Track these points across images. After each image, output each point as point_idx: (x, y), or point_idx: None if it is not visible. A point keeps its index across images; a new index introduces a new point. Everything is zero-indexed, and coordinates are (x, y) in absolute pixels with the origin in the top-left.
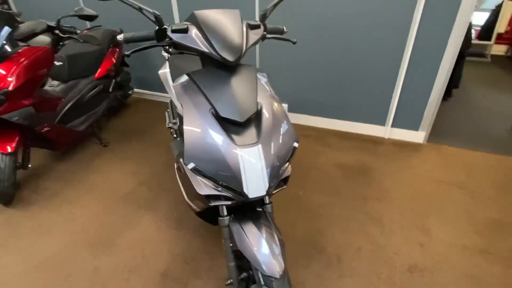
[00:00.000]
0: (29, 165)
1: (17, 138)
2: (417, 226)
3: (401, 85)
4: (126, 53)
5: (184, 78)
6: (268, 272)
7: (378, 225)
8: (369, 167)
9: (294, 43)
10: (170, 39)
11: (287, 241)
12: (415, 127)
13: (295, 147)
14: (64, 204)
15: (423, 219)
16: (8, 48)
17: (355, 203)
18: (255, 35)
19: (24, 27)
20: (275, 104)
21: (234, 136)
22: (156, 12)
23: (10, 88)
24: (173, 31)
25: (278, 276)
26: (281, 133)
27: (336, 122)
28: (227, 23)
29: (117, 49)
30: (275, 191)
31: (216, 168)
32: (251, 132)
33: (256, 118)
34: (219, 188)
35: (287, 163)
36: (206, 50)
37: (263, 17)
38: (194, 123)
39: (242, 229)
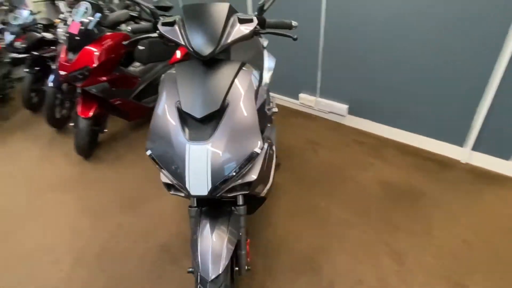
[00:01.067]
0: (105, 130)
1: (95, 107)
2: (453, 281)
3: (491, 100)
4: (124, 43)
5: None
6: (202, 273)
7: (396, 261)
8: (421, 193)
9: (295, 39)
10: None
11: (285, 251)
12: (506, 154)
13: (254, 152)
14: (121, 166)
15: (468, 277)
16: (96, 31)
17: (381, 230)
18: (243, 29)
19: (111, 16)
20: (249, 104)
21: (190, 131)
22: (151, 7)
23: (94, 65)
24: (163, 24)
25: (209, 279)
26: (240, 135)
27: (399, 132)
28: (210, 16)
29: None
30: (232, 194)
31: (166, 159)
32: (208, 129)
33: (219, 116)
34: (173, 179)
35: (246, 167)
36: (182, 43)
37: (261, 10)
38: (159, 111)
39: (200, 225)
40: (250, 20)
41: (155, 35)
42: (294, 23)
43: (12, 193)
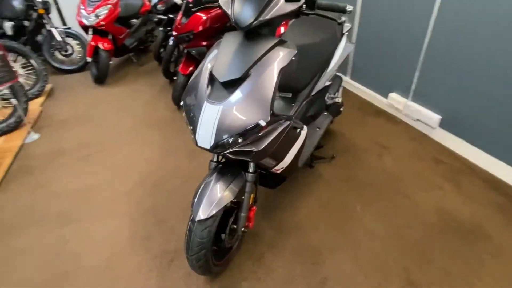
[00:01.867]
0: None
1: (193, 66)
2: None
3: None
4: (193, 9)
5: None
6: (193, 212)
7: None
8: (486, 236)
9: (339, 23)
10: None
11: (296, 235)
12: None
13: (259, 124)
14: None
15: None
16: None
17: (407, 254)
18: (286, 6)
19: None
20: (270, 80)
21: (211, 92)
22: None
23: (198, 30)
24: None
25: (197, 219)
26: (251, 105)
27: (493, 161)
28: None
29: None
30: (235, 157)
31: (190, 111)
32: (226, 94)
33: (240, 84)
34: (189, 129)
35: (253, 136)
36: (228, 13)
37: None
38: (197, 70)
39: (210, 176)
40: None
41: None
42: (349, 7)
43: (121, 121)
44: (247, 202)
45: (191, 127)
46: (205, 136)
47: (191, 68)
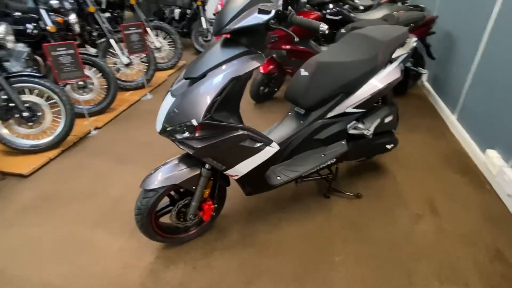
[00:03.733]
0: (276, 90)
1: (272, 67)
2: None
3: None
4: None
5: None
6: (144, 180)
7: None
8: None
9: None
10: None
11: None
12: None
13: (190, 123)
14: (272, 119)
15: None
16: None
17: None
18: (254, 19)
19: None
20: (217, 84)
21: (178, 85)
22: None
23: (280, 34)
24: None
25: (141, 187)
26: (191, 104)
27: None
28: (236, 1)
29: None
30: (180, 146)
31: None
32: (184, 89)
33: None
34: None
35: (194, 132)
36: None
37: (286, 3)
38: None
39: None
40: (268, 12)
41: None
42: (322, 27)
43: None
44: (198, 194)
45: None
46: (159, 120)
47: (270, 67)
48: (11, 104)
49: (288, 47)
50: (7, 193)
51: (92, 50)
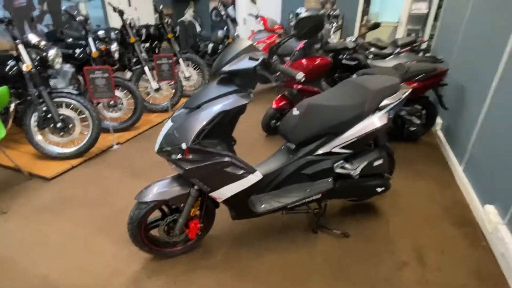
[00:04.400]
0: None
1: (283, 103)
2: None
3: None
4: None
5: None
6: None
7: None
8: None
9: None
10: None
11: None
12: None
13: (179, 146)
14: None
15: None
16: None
17: None
18: (245, 64)
19: (332, 44)
20: (206, 116)
21: (179, 113)
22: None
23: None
24: None
25: (135, 199)
26: (183, 129)
27: None
28: (233, 48)
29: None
30: (172, 166)
31: None
32: (183, 117)
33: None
34: None
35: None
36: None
37: (270, 52)
38: None
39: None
40: (255, 59)
41: None
42: (298, 76)
43: None
44: (185, 212)
45: None
46: (158, 141)
47: (282, 103)
48: (49, 115)
49: (299, 86)
50: (30, 191)
51: (130, 75)
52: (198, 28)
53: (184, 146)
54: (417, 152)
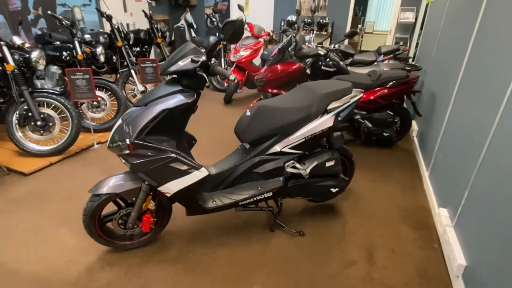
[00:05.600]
0: None
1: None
2: None
3: None
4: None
5: None
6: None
7: None
8: None
9: (208, 86)
10: None
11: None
12: None
13: (124, 141)
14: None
15: None
16: (287, 56)
17: None
18: (185, 65)
19: (305, 51)
20: (151, 113)
21: (129, 110)
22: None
23: (266, 79)
24: None
25: (91, 192)
26: (129, 126)
27: None
28: (179, 50)
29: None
30: (123, 160)
31: None
32: (132, 113)
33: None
34: None
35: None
36: None
37: (208, 54)
38: None
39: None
40: (196, 62)
41: None
42: (231, 77)
43: (220, 122)
44: (138, 205)
45: None
46: (109, 138)
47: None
48: (29, 114)
49: (275, 91)
50: (6, 185)
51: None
52: (193, 34)
53: (128, 141)
54: (390, 157)
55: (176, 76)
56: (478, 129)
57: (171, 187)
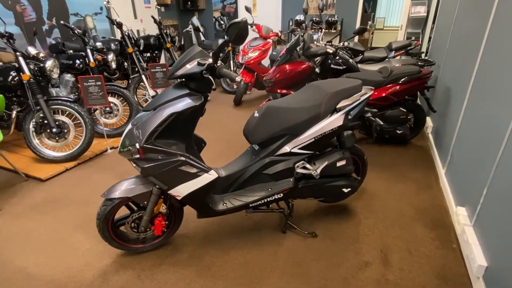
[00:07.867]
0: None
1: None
2: None
3: None
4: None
5: None
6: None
7: None
8: None
9: (214, 89)
10: None
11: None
12: None
13: (134, 146)
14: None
15: None
16: (296, 56)
17: None
18: (192, 69)
19: (313, 49)
20: (159, 117)
21: (138, 115)
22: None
23: (275, 79)
24: None
25: (104, 197)
26: (138, 130)
27: None
28: (186, 53)
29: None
30: (133, 164)
31: None
32: (142, 117)
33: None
34: None
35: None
36: None
37: (215, 58)
38: None
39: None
40: (202, 65)
41: None
42: (237, 78)
43: (228, 124)
44: (149, 209)
45: None
46: (120, 142)
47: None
48: (45, 121)
49: (284, 91)
50: (25, 191)
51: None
52: (201, 38)
53: (137, 145)
54: (404, 155)
55: (183, 79)
56: (495, 124)
57: (181, 190)
